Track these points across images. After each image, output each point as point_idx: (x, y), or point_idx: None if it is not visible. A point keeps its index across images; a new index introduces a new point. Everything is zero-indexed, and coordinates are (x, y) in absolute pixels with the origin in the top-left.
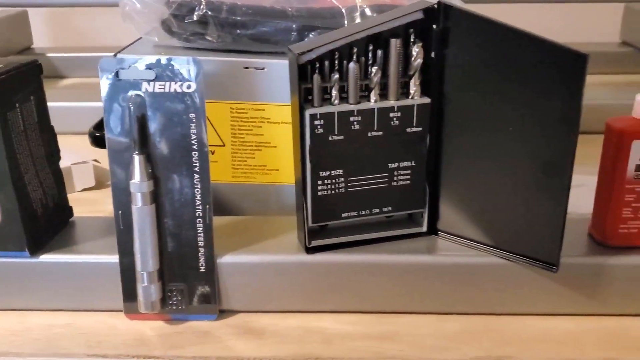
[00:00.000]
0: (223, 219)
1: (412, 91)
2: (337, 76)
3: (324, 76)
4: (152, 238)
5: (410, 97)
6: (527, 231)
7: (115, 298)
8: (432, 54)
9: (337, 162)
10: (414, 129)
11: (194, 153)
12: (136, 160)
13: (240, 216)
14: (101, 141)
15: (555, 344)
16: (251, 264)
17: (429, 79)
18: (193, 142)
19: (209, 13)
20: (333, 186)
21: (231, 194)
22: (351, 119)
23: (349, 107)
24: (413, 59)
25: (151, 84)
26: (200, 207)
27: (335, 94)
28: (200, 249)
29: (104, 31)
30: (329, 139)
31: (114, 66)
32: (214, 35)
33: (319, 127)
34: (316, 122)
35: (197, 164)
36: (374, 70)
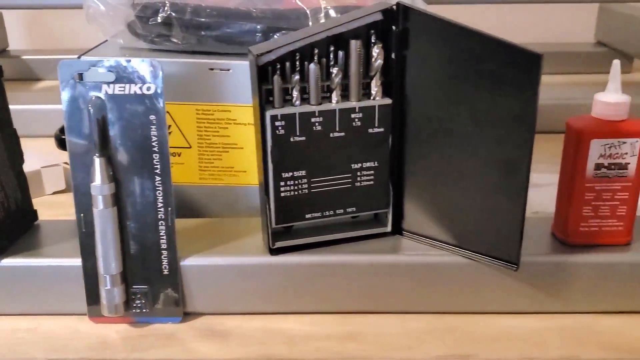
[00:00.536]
0: (189, 221)
1: (374, 92)
2: (298, 77)
3: (285, 77)
4: (114, 241)
5: (371, 98)
6: (488, 230)
7: (80, 302)
8: (393, 55)
9: (300, 163)
10: (376, 130)
11: (155, 155)
12: (97, 162)
13: (206, 218)
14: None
15: (517, 342)
16: (215, 266)
17: (390, 79)
18: (154, 144)
19: (173, 15)
20: (296, 187)
21: (199, 196)
22: (312, 119)
23: (310, 108)
24: (374, 59)
25: (111, 86)
26: (162, 210)
27: (296, 94)
28: (163, 251)
29: (81, 33)
30: (291, 140)
31: (73, 68)
32: (179, 37)
33: (280, 128)
34: (277, 123)
35: (158, 166)
36: (334, 71)
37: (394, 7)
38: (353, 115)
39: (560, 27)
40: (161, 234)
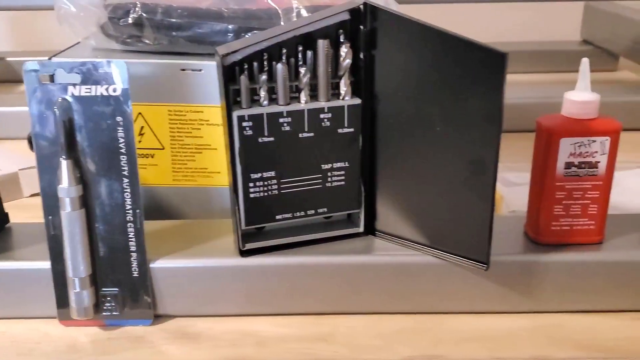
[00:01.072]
0: (160, 223)
1: (343, 92)
2: (265, 77)
3: (253, 77)
4: (82, 243)
5: (341, 98)
6: (459, 230)
7: (50, 305)
8: (361, 55)
9: (269, 163)
10: (346, 130)
11: (122, 157)
12: (63, 165)
13: (179, 220)
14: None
15: (489, 342)
16: (186, 268)
17: (359, 79)
18: (121, 145)
19: (144, 15)
20: (265, 188)
21: (173, 197)
22: (281, 120)
23: (278, 109)
24: (342, 59)
25: (77, 87)
26: (130, 212)
27: (263, 94)
28: (132, 253)
29: (68, 34)
30: (259, 140)
31: (38, 70)
32: (151, 38)
33: (247, 128)
34: (244, 124)
35: (125, 168)
36: (303, 71)
37: (361, 7)
38: (322, 116)
39: (546, 26)
40: (130, 236)
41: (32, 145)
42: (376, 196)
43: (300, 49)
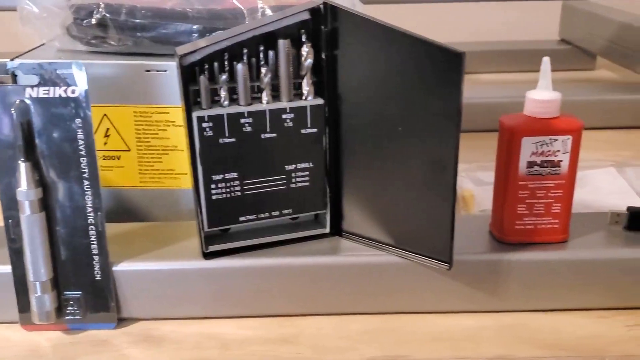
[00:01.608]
0: (126, 225)
1: (305, 92)
2: (225, 77)
3: (214, 77)
4: (42, 247)
5: (303, 98)
6: (422, 229)
7: (11, 309)
8: (323, 55)
9: (231, 165)
10: (309, 130)
11: (82, 159)
12: (22, 167)
13: (143, 222)
14: None
15: (453, 341)
16: (149, 271)
17: (322, 79)
18: (80, 147)
19: (108, 16)
20: (228, 190)
21: (140, 199)
22: (242, 120)
23: (239, 109)
24: (303, 59)
25: (35, 89)
26: (92, 215)
27: (224, 95)
28: (94, 257)
29: (32, 37)
30: (220, 141)
31: None
32: (115, 39)
33: (207, 129)
34: (204, 125)
35: (86, 170)
36: (264, 70)
37: (321, 7)
38: (284, 116)
39: (524, 25)
40: (92, 239)
41: None
42: (342, 196)
43: (262, 48)
